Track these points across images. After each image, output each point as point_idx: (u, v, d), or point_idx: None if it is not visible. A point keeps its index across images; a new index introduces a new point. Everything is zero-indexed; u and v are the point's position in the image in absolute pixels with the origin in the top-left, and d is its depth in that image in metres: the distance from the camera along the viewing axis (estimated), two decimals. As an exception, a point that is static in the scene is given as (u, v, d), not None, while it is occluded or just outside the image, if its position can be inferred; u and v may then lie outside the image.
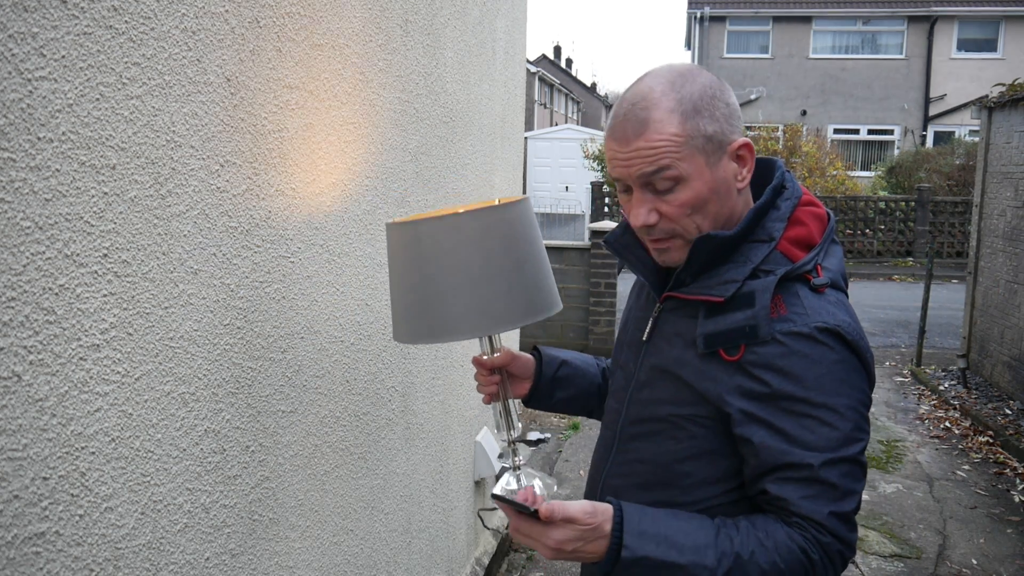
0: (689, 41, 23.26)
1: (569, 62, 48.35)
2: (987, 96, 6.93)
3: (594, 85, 51.85)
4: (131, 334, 1.14)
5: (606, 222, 8.47)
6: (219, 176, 1.32)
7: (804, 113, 21.23)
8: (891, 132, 21.30)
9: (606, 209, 15.91)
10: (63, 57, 0.98)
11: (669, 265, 1.23)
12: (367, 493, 2.00)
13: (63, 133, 0.99)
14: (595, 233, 7.20)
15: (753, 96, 21.22)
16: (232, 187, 1.36)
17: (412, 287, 1.22)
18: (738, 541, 1.09)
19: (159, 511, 1.21)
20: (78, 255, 1.03)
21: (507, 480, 1.27)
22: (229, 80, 1.33)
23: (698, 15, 21.54)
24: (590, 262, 7.18)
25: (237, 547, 1.42)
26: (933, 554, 3.89)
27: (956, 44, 20.81)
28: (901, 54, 21.09)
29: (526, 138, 17.83)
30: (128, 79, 1.10)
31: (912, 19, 20.82)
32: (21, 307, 0.95)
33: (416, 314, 1.23)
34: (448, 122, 2.50)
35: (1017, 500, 4.55)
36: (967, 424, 5.86)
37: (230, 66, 1.33)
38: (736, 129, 1.17)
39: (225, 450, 1.38)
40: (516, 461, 1.27)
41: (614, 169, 1.17)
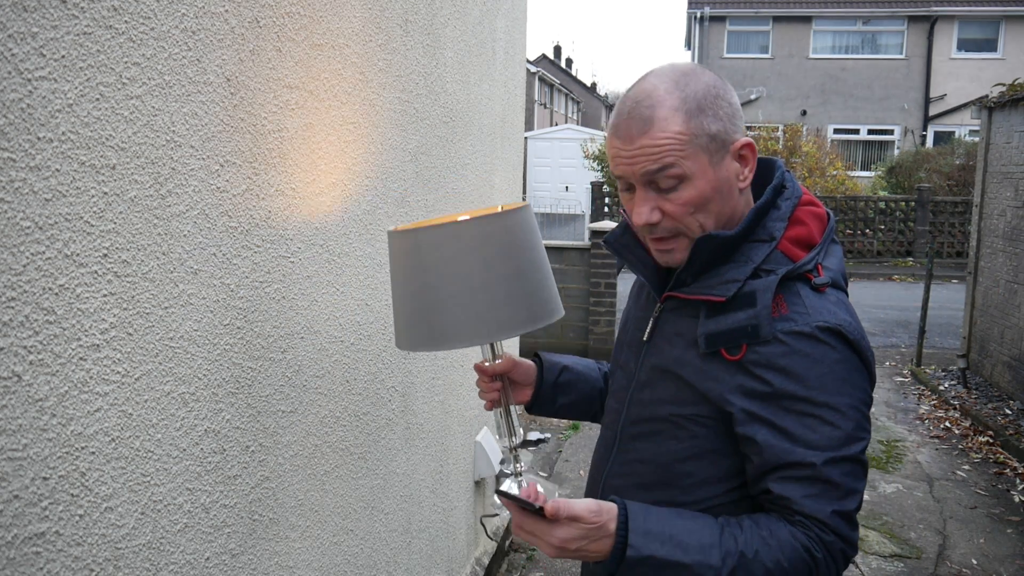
0: (689, 41, 23.27)
1: (569, 62, 48.36)
2: (987, 96, 6.93)
3: (594, 85, 51.86)
4: (131, 334, 1.14)
5: (606, 222, 8.47)
6: (219, 176, 1.32)
7: (804, 113, 21.23)
8: (891, 132, 21.30)
9: (606, 209, 15.92)
10: (63, 57, 0.98)
11: (671, 266, 1.23)
12: (367, 493, 2.00)
13: (63, 133, 0.99)
14: (595, 233, 7.20)
15: (753, 96, 21.23)
16: (232, 187, 1.36)
17: (413, 295, 1.22)
18: (742, 540, 1.09)
19: (159, 511, 1.21)
20: (78, 255, 1.03)
21: (508, 486, 1.27)
22: (229, 80, 1.33)
23: (698, 15, 21.54)
24: (590, 262, 7.18)
25: (237, 547, 1.42)
26: (933, 554, 3.89)
27: (956, 44, 20.82)
28: (901, 54, 21.09)
29: (526, 138, 17.83)
30: (128, 79, 1.10)
31: (912, 19, 20.83)
32: (21, 307, 0.95)
33: (417, 322, 1.23)
34: (448, 122, 2.50)
35: (1017, 500, 4.55)
36: (967, 424, 5.86)
37: (230, 66, 1.33)
38: (738, 129, 1.17)
39: (225, 450, 1.38)
40: (518, 467, 1.27)
41: (617, 167, 1.17)
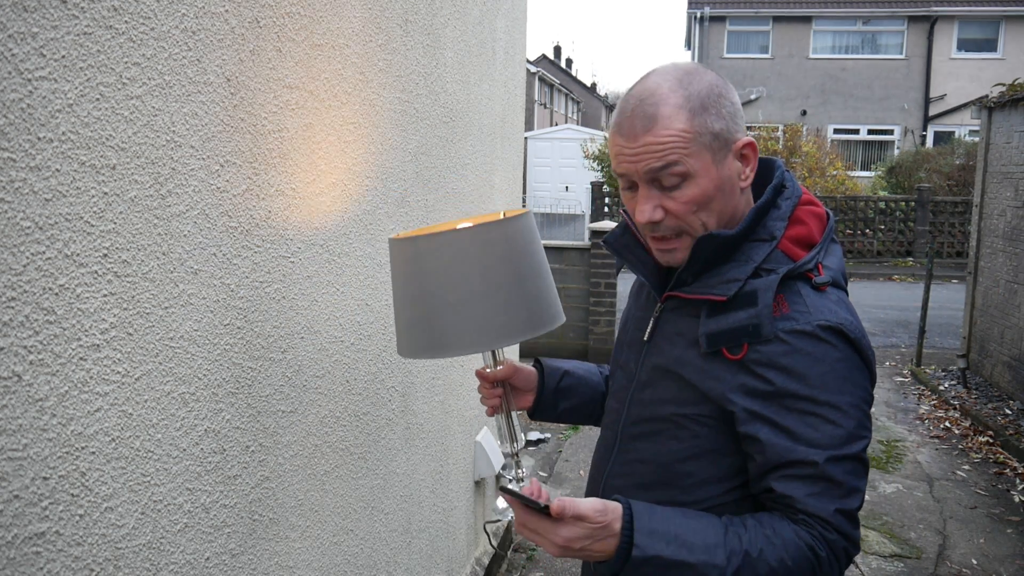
0: (689, 41, 23.27)
1: (569, 62, 48.36)
2: (987, 96, 6.93)
3: (594, 85, 51.85)
4: (131, 334, 1.14)
5: (606, 222, 8.47)
6: (219, 176, 1.32)
7: (804, 113, 21.24)
8: (891, 132, 21.30)
9: (606, 209, 15.92)
10: (63, 57, 0.98)
11: (672, 265, 1.23)
12: (367, 493, 2.00)
13: (63, 133, 0.99)
14: (595, 233, 7.20)
15: (753, 96, 21.23)
16: (232, 187, 1.36)
17: (413, 302, 1.23)
18: (746, 539, 1.09)
19: (159, 511, 1.21)
20: (78, 255, 1.03)
21: (512, 484, 1.27)
22: (229, 80, 1.33)
23: (698, 15, 21.54)
24: (590, 262, 7.18)
25: (237, 547, 1.42)
26: (933, 554, 3.89)
27: (956, 44, 20.82)
28: (901, 54, 21.09)
29: (526, 138, 17.83)
30: (128, 79, 1.10)
31: (912, 19, 20.83)
32: (21, 307, 0.95)
33: (418, 329, 1.23)
34: (448, 122, 2.50)
35: (1017, 500, 4.55)
36: (967, 424, 5.86)
37: (230, 66, 1.33)
38: (740, 128, 1.17)
39: (225, 450, 1.38)
40: (519, 473, 1.27)
41: (620, 165, 1.17)
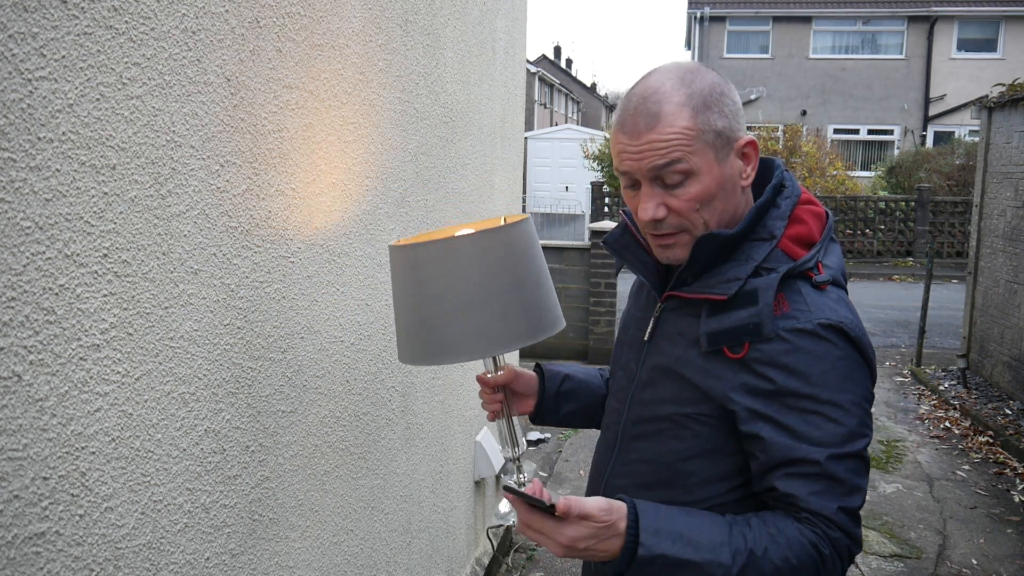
0: (689, 41, 23.27)
1: (569, 62, 48.37)
2: (987, 96, 6.93)
3: (594, 85, 51.85)
4: (131, 334, 1.14)
5: (606, 222, 8.48)
6: (219, 176, 1.32)
7: (804, 113, 21.24)
8: (891, 132, 21.30)
9: (606, 209, 15.92)
10: (63, 57, 0.98)
11: (671, 262, 1.23)
12: (367, 493, 2.00)
13: (63, 133, 0.99)
14: (595, 233, 7.20)
15: (753, 96, 21.23)
16: (232, 187, 1.36)
17: (412, 309, 1.23)
18: (751, 537, 1.09)
19: (159, 511, 1.21)
20: (78, 255, 1.03)
21: (515, 484, 1.26)
22: (229, 80, 1.33)
23: (698, 15, 21.54)
24: (590, 262, 7.18)
25: (237, 547, 1.42)
26: (933, 554, 3.89)
27: (956, 44, 20.82)
28: (901, 54, 21.09)
29: (526, 138, 17.84)
30: (128, 79, 1.10)
31: (912, 19, 20.83)
32: (21, 307, 0.95)
33: (418, 336, 1.23)
34: (448, 122, 2.50)
35: (1017, 500, 4.55)
36: (967, 424, 5.86)
37: (230, 66, 1.33)
38: (742, 127, 1.18)
39: (225, 450, 1.38)
40: (520, 478, 1.27)
41: (623, 163, 1.17)
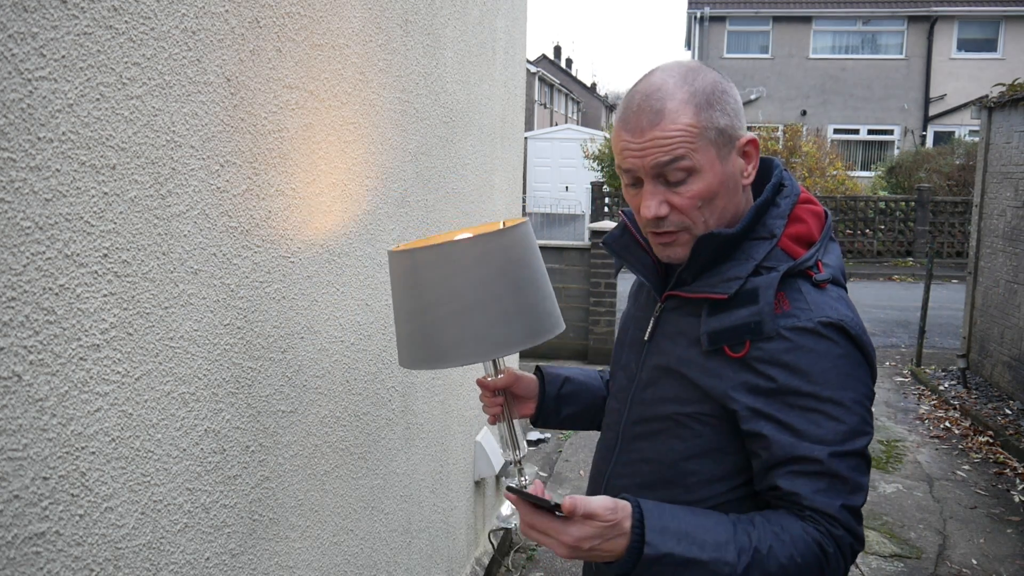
0: (689, 41, 23.27)
1: (569, 62, 48.37)
2: (987, 96, 6.93)
3: (594, 85, 51.85)
4: (131, 334, 1.14)
5: (606, 222, 8.48)
6: (219, 176, 1.32)
7: (804, 113, 21.23)
8: (891, 132, 21.30)
9: (606, 209, 15.92)
10: (63, 57, 0.99)
11: (672, 261, 1.23)
12: (367, 493, 2.00)
13: (63, 133, 0.99)
14: (595, 233, 7.20)
15: (753, 96, 21.23)
16: (232, 187, 1.36)
17: (412, 314, 1.23)
18: (755, 536, 1.08)
19: (159, 511, 1.22)
20: (78, 255, 1.03)
21: (518, 484, 1.26)
22: (229, 80, 1.33)
23: (698, 15, 21.54)
24: (590, 262, 7.18)
25: (237, 547, 1.42)
26: (933, 554, 3.89)
27: (956, 44, 20.81)
28: (901, 54, 21.09)
29: (526, 138, 17.84)
30: (128, 79, 1.10)
31: (912, 19, 20.83)
32: (21, 307, 0.95)
33: (417, 340, 1.23)
34: (448, 122, 2.50)
35: (1017, 500, 4.55)
36: (967, 424, 5.86)
37: (230, 66, 1.33)
38: (743, 125, 1.18)
39: (225, 450, 1.38)
40: (522, 481, 1.27)
41: (625, 160, 1.17)
